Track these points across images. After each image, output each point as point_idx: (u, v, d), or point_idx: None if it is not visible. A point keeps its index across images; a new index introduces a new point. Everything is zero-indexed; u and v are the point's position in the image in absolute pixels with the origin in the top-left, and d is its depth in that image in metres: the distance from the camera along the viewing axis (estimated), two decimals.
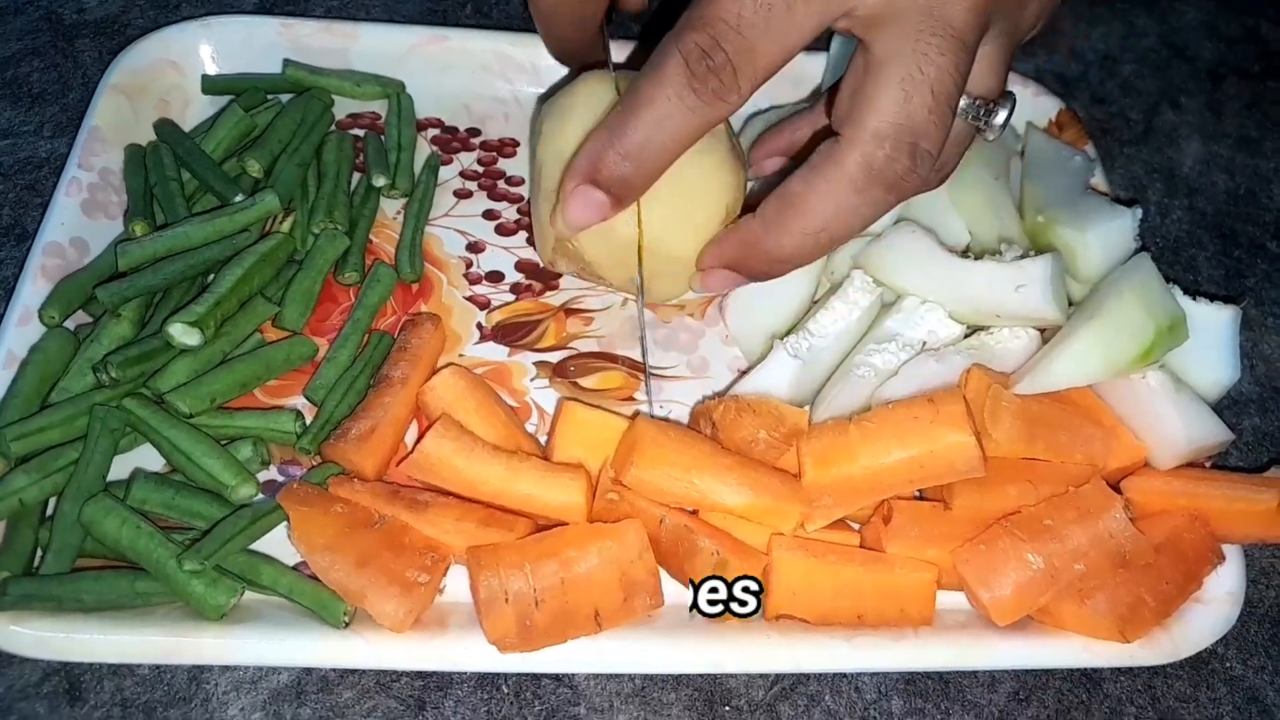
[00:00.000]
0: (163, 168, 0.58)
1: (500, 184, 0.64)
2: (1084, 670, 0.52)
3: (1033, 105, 0.68)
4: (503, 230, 0.62)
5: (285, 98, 0.63)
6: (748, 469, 0.49)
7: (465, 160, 0.65)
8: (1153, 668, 0.53)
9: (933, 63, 0.43)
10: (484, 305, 0.59)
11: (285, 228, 0.58)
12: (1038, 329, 0.53)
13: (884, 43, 0.43)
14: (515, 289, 0.60)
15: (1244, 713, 0.53)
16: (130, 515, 0.46)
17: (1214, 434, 0.52)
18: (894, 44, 0.43)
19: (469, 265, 0.61)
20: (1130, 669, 0.52)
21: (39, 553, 0.48)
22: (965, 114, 0.47)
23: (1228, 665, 0.54)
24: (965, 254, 0.54)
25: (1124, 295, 0.51)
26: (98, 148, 0.58)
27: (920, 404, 0.49)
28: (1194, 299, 0.54)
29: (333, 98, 0.64)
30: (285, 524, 0.48)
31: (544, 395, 0.56)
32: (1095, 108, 0.76)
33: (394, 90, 0.65)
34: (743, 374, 0.55)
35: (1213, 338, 0.55)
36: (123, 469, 0.50)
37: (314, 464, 0.52)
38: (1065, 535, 0.48)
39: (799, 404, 0.53)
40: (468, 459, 0.48)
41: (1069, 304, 0.55)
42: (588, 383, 0.57)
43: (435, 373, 0.53)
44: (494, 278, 0.60)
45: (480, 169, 0.65)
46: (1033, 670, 0.52)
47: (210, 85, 0.64)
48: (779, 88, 0.57)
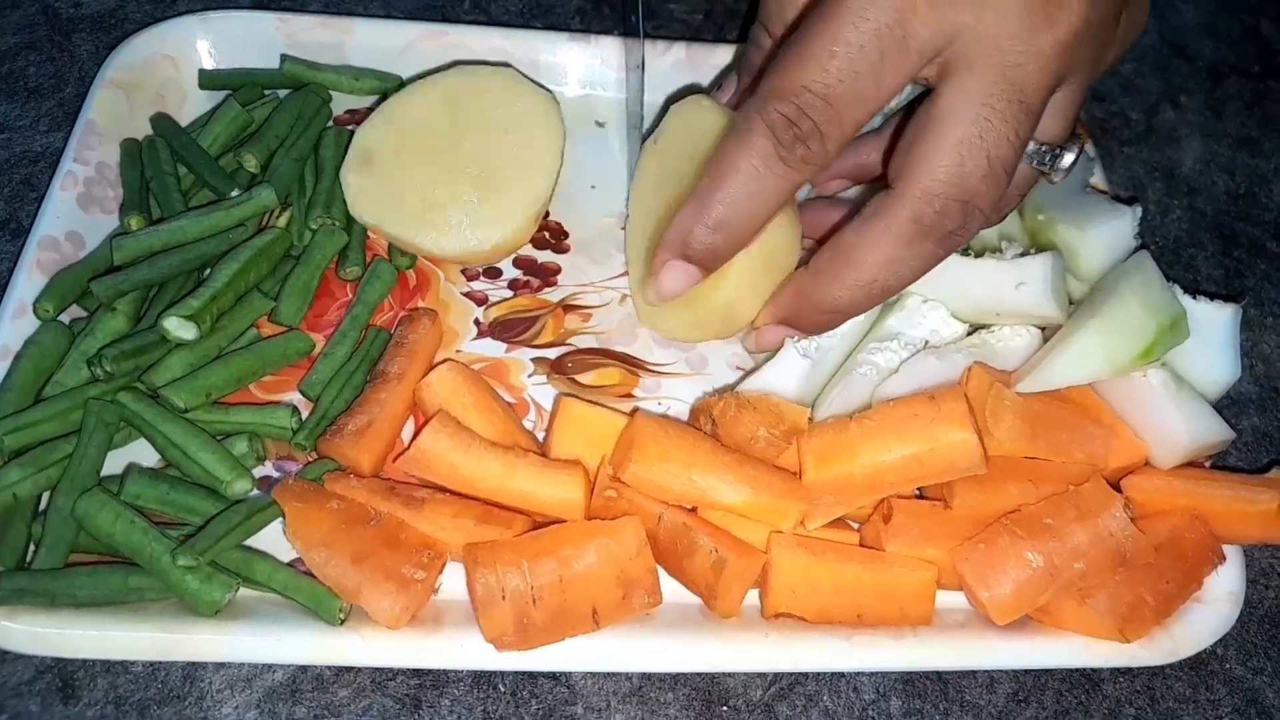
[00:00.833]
0: (159, 162, 0.57)
1: None
2: (1083, 670, 0.52)
3: None
4: None
5: (282, 93, 0.63)
6: (747, 466, 0.48)
7: None
8: (1152, 668, 0.53)
9: (994, 129, 0.42)
10: (481, 301, 0.59)
11: (282, 223, 0.58)
12: (1039, 327, 0.53)
13: (950, 97, 0.43)
14: (513, 285, 0.60)
15: (1243, 714, 0.53)
16: (124, 510, 0.46)
17: (1215, 432, 0.52)
18: (958, 102, 0.43)
19: None
20: (1129, 669, 0.52)
21: (32, 548, 0.47)
22: (1031, 159, 0.47)
23: (1227, 666, 0.54)
24: (966, 252, 0.54)
25: (1125, 293, 0.51)
26: (94, 142, 0.58)
27: (921, 401, 0.49)
28: (1194, 298, 0.54)
29: (330, 93, 0.64)
30: (281, 520, 0.48)
31: (542, 391, 0.56)
32: (1095, 106, 0.76)
33: (392, 85, 0.64)
34: (748, 372, 0.55)
35: (1213, 336, 0.54)
36: (117, 464, 0.50)
37: (310, 460, 0.52)
38: (1065, 534, 0.48)
39: (805, 403, 0.52)
40: (465, 455, 0.48)
41: (1069, 302, 0.54)
42: (586, 379, 0.57)
43: (432, 368, 0.52)
44: (491, 274, 0.60)
45: None
46: (1032, 670, 0.52)
47: (207, 80, 0.63)
48: None
